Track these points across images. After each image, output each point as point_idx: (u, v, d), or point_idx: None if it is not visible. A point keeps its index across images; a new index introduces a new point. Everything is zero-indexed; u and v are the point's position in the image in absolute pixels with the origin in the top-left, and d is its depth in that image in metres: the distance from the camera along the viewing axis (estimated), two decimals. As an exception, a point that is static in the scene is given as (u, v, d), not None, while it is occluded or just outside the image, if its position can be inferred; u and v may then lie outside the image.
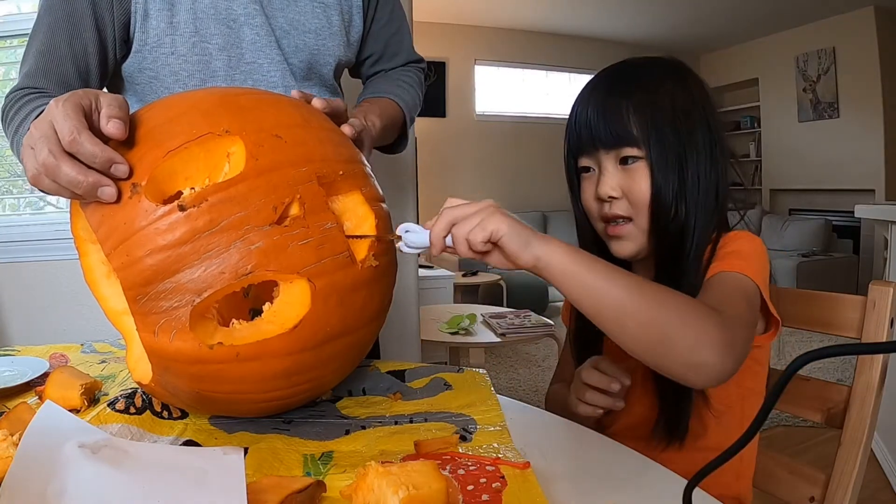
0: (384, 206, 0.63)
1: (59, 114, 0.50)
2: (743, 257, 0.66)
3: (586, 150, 0.72)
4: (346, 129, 0.67)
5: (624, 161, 0.69)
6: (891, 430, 1.99)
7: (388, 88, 0.98)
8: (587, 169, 0.73)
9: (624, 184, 0.69)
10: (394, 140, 0.99)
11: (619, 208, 0.70)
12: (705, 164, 0.68)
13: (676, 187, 0.68)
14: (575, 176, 0.75)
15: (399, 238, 0.58)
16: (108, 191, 0.50)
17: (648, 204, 0.68)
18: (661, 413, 0.69)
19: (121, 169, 0.51)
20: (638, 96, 0.68)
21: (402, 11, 1.05)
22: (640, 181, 0.68)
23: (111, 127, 0.51)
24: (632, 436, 0.69)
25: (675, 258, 0.69)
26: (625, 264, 0.77)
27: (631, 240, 0.71)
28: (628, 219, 0.70)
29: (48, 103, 0.69)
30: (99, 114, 0.52)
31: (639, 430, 0.72)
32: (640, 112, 0.68)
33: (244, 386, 0.54)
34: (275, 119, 0.57)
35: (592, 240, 0.76)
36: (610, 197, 0.70)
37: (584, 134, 0.71)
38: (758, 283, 0.64)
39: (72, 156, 0.50)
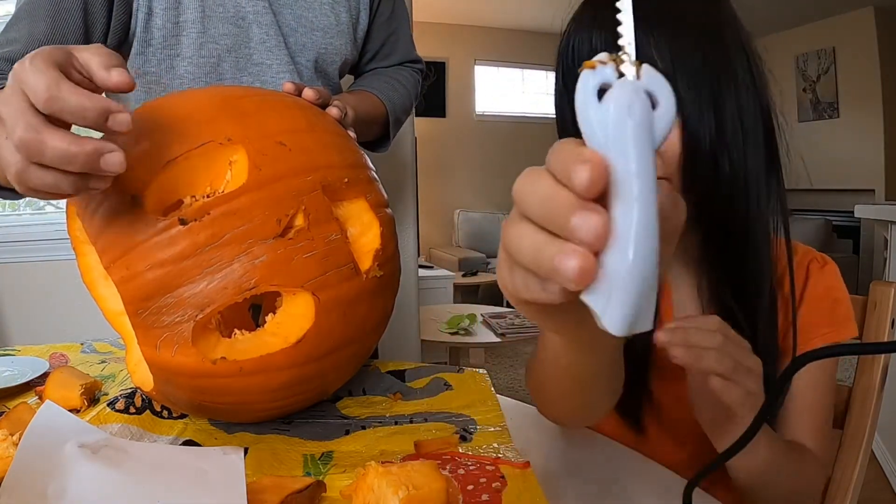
0: (388, 210, 0.63)
1: (30, 72, 0.38)
2: (842, 309, 0.62)
3: None
4: (332, 111, 0.66)
5: None
6: (891, 430, 1.99)
7: (375, 84, 0.95)
8: None
9: None
10: (376, 138, 0.97)
11: None
12: (746, 96, 0.54)
13: (714, 131, 0.53)
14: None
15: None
16: (116, 157, 0.39)
17: (678, 157, 0.53)
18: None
19: (120, 118, 0.39)
20: (652, 11, 0.52)
21: (405, 11, 1.03)
22: None
23: (116, 76, 0.40)
24: (672, 440, 0.63)
25: (726, 227, 0.57)
26: None
27: None
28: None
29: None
30: (76, 70, 0.41)
31: (680, 435, 0.64)
32: (659, 31, 0.52)
33: (246, 398, 0.54)
34: (278, 125, 0.56)
35: None
36: None
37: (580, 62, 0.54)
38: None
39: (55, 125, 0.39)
